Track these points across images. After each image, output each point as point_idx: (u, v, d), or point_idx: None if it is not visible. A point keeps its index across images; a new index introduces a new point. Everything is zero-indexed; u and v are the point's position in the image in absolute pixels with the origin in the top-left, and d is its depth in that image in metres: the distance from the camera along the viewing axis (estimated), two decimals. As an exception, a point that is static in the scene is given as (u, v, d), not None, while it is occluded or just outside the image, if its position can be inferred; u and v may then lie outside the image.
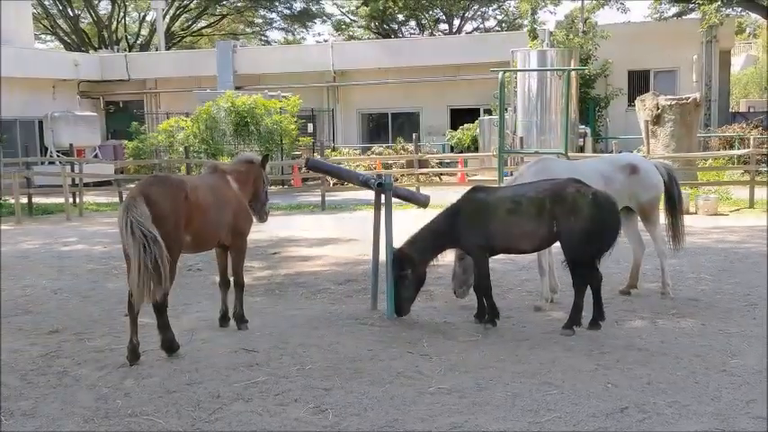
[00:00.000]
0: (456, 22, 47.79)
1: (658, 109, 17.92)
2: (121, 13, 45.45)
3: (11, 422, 5.13)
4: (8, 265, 11.40)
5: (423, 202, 8.57)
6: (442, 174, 23.58)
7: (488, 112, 27.49)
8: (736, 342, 6.58)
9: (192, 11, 47.15)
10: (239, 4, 46.81)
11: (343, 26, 50.35)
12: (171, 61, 33.86)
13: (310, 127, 28.24)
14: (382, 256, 7.79)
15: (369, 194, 8.38)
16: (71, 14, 44.25)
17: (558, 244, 7.04)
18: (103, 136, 31.80)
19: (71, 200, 19.63)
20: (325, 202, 19.09)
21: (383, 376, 5.81)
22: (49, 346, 6.90)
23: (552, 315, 7.66)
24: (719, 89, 28.03)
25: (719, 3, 23.63)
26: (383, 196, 7.85)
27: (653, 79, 27.83)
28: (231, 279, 7.33)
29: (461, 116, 29.29)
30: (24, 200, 19.07)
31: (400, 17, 47.53)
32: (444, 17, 47.80)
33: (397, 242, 7.63)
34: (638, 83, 27.62)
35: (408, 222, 8.74)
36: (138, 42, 46.49)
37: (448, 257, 7.85)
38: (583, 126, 24.99)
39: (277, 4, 46.77)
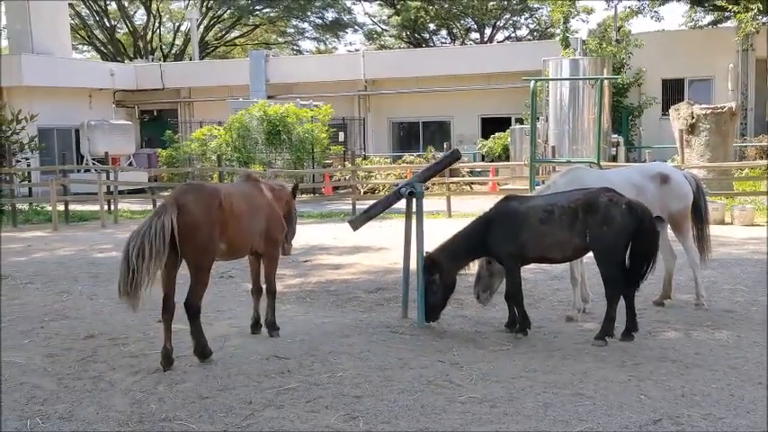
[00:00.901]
0: (488, 31, 47.73)
1: (693, 118, 17.69)
2: (157, 24, 46.17)
3: (47, 425, 5.22)
4: (44, 270, 11.61)
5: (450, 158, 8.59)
6: (472, 183, 23.53)
7: (520, 121, 27.39)
8: (773, 354, 6.47)
9: (225, 21, 47.74)
10: (272, 15, 47.25)
11: (375, 35, 50.56)
12: (204, 71, 34.30)
13: (341, 135, 28.41)
14: (413, 265, 7.80)
15: (400, 203, 8.38)
16: (108, 25, 45.07)
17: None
18: (138, 144, 32.32)
19: (106, 207, 19.92)
20: (356, 211, 19.13)
21: (414, 385, 5.82)
22: (84, 350, 7.01)
23: (584, 326, 7.60)
24: (756, 98, 27.61)
25: (756, 11, 23.32)
26: (414, 204, 7.87)
27: (687, 88, 27.51)
28: (263, 286, 7.40)
29: (492, 125, 29.21)
30: (61, 207, 19.39)
31: (432, 26, 47.60)
32: (476, 26, 47.76)
33: (428, 250, 7.64)
34: (673, 92, 27.31)
35: (439, 231, 8.74)
36: (173, 52, 47.14)
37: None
38: (616, 135, 24.78)
39: (309, 14, 47.14)
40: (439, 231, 9.22)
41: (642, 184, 8.03)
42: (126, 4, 44.69)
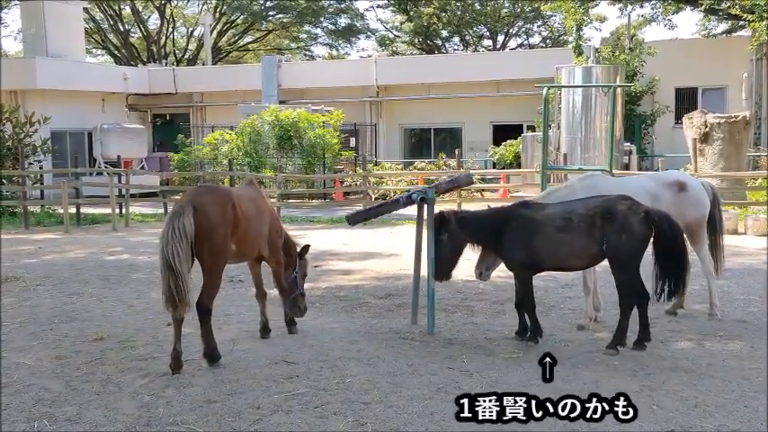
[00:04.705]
0: (500, 38, 47.73)
1: (706, 127, 17.59)
2: (170, 29, 46.42)
3: (54, 427, 5.21)
4: (55, 273, 11.64)
5: (465, 182, 9.12)
6: (484, 190, 23.45)
7: (531, 128, 27.31)
8: (787, 366, 6.38)
9: (238, 26, 47.93)
10: (285, 20, 47.40)
11: (387, 42, 50.64)
12: (217, 75, 34.41)
13: (353, 141, 28.43)
14: (423, 271, 7.76)
15: (411, 209, 8.36)
16: (121, 29, 45.35)
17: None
18: (150, 148, 32.39)
19: (117, 210, 19.98)
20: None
21: (423, 391, 5.77)
22: (93, 353, 7.01)
23: (596, 334, 7.54)
24: (770, 107, 27.47)
25: (770, 20, 23.19)
26: (425, 211, 7.82)
27: (701, 97, 27.37)
28: (266, 290, 7.53)
29: (504, 132, 29.14)
30: (72, 209, 19.46)
31: (444, 33, 47.61)
32: (488, 33, 47.76)
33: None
34: (686, 100, 27.18)
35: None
36: (186, 57, 47.38)
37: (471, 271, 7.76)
38: (628, 143, 24.67)
39: (322, 19, 47.27)
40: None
41: (658, 191, 7.94)
42: (140, 8, 44.94)
